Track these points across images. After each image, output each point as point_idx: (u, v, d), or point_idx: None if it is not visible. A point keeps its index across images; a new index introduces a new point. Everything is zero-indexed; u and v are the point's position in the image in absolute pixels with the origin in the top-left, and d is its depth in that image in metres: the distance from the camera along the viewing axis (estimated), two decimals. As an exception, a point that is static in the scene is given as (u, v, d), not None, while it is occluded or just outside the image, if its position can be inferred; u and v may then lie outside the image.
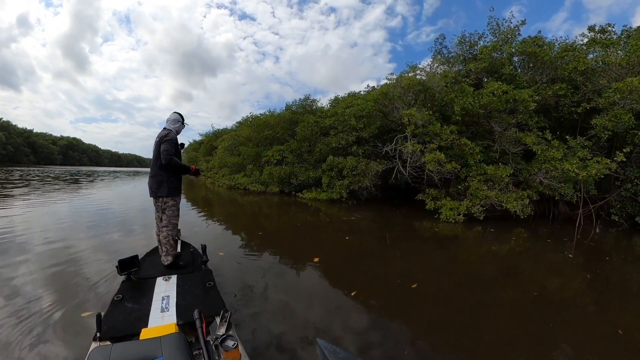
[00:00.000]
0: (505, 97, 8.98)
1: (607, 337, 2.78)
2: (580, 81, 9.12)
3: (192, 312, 1.69)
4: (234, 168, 16.94)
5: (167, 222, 3.00)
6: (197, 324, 1.61)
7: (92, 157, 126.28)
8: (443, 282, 4.15)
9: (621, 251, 6.59)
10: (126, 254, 2.67)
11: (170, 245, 2.94)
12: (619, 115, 7.91)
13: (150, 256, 3.23)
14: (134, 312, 2.08)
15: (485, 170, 8.90)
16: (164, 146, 2.90)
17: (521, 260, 5.56)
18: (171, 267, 2.90)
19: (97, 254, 4.38)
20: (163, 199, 2.98)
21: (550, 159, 8.37)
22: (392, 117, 11.45)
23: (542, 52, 9.62)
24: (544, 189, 8.72)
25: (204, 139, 32.79)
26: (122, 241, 5.16)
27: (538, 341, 2.63)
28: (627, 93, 7.72)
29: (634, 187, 8.27)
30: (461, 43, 11.66)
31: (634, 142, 8.11)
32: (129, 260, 2.56)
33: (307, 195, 12.53)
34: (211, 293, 2.40)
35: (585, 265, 5.28)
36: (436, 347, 2.53)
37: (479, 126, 10.17)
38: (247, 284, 3.48)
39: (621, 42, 9.06)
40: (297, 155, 13.69)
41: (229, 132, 20.39)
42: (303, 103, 15.47)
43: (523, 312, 3.26)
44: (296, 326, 2.67)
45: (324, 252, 5.20)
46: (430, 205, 9.37)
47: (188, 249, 3.42)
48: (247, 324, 2.60)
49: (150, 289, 2.40)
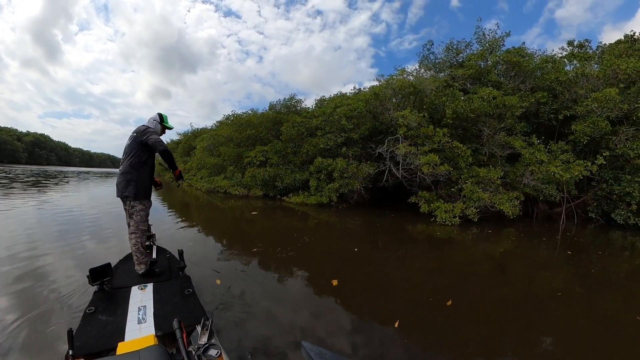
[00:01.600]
0: (495, 102, 9.27)
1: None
2: (559, 90, 9.71)
3: (171, 322, 1.60)
4: (213, 170, 15.81)
5: (135, 228, 2.75)
6: (177, 334, 1.52)
7: (62, 156, 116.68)
8: (478, 291, 3.88)
9: (609, 245, 7.14)
10: (97, 262, 2.44)
11: (141, 253, 2.72)
12: (597, 122, 8.48)
13: (124, 264, 3.01)
14: (108, 325, 1.95)
15: (478, 172, 9.04)
16: (154, 137, 2.71)
17: (527, 257, 5.67)
18: (146, 275, 2.69)
19: (64, 262, 3.95)
20: (130, 202, 2.74)
21: (536, 162, 8.75)
22: (383, 118, 11.38)
23: (525, 62, 10.14)
24: (530, 190, 9.09)
25: (181, 138, 30.85)
26: (93, 249, 4.71)
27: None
28: (605, 102, 8.29)
29: (608, 186, 8.88)
30: (448, 50, 12.00)
31: (609, 146, 8.70)
32: (100, 268, 2.34)
33: (293, 199, 11.86)
34: (190, 300, 2.29)
35: (587, 261, 5.54)
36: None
37: (467, 130, 10.41)
38: (229, 290, 3.29)
39: (596, 56, 9.84)
40: (282, 156, 13.06)
41: (209, 132, 19.10)
42: (287, 103, 14.92)
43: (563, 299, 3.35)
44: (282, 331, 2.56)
45: (333, 266, 4.75)
46: (425, 208, 9.29)
47: (164, 255, 3.23)
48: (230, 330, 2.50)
49: (125, 299, 2.25)
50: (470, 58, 10.87)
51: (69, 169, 74.12)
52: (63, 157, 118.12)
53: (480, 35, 11.32)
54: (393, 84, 10.82)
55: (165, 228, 6.36)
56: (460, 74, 10.82)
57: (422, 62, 12.82)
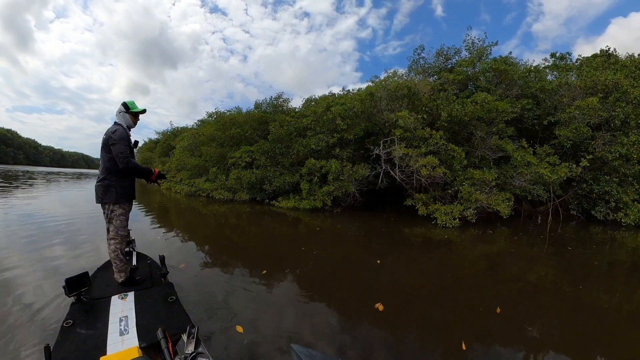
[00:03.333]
0: (487, 106, 9.55)
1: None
2: (542, 98, 10.29)
3: (155, 332, 1.59)
4: (194, 171, 14.57)
5: (115, 233, 2.58)
6: (163, 344, 1.50)
7: (30, 155, 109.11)
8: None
9: (598, 239, 7.77)
10: (73, 271, 2.39)
11: (121, 261, 2.57)
12: (579, 128, 9.07)
13: (102, 272, 2.85)
14: (88, 338, 1.85)
15: (473, 174, 9.20)
16: (115, 148, 2.49)
17: (539, 254, 5.88)
18: (127, 284, 2.57)
19: (37, 273, 3.60)
20: (110, 206, 2.57)
21: (526, 164, 9.14)
22: (375, 119, 11.26)
23: (511, 71, 10.63)
24: (519, 190, 9.48)
25: (160, 137, 28.89)
26: (67, 257, 4.30)
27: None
28: (587, 110, 8.88)
29: (588, 186, 9.52)
30: (438, 55, 12.26)
31: (588, 150, 9.34)
32: (77, 278, 2.21)
33: (283, 204, 11.14)
34: (174, 308, 2.22)
35: (591, 253, 5.89)
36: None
37: (456, 133, 10.63)
38: (215, 296, 3.15)
39: (575, 68, 10.62)
40: (270, 157, 12.39)
41: (189, 131, 17.68)
42: (274, 102, 14.28)
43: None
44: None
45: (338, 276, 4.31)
46: (422, 210, 9.24)
47: (145, 262, 3.10)
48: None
49: (105, 310, 2.16)
50: (461, 64, 11.17)
51: (38, 168, 69.96)
52: (32, 155, 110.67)
53: (469, 44, 11.72)
54: (388, 85, 10.76)
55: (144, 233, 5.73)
56: (451, 79, 11.07)
57: (412, 66, 13.00)
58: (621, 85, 8.75)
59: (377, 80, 12.05)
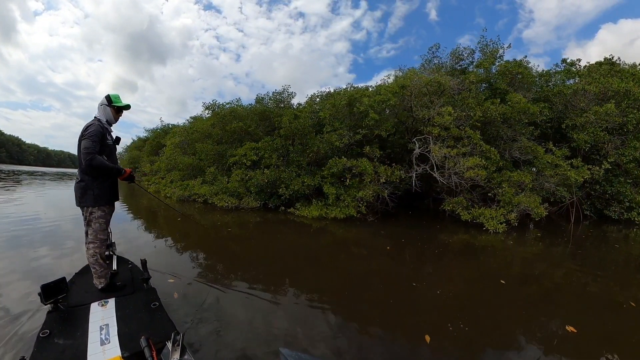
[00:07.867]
0: (518, 107, 9.57)
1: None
2: (557, 102, 10.76)
3: (139, 341, 1.55)
4: (187, 172, 12.06)
5: (93, 237, 2.41)
6: (146, 353, 1.45)
7: (14, 153, 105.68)
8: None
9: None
10: (51, 277, 2.26)
11: (100, 266, 2.40)
12: (596, 132, 9.61)
13: (80, 277, 2.65)
14: (67, 349, 1.71)
15: (510, 176, 9.10)
16: (84, 143, 2.27)
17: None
18: (107, 290, 2.39)
19: (8, 277, 3.28)
20: (88, 208, 2.38)
21: (552, 167, 9.38)
22: (402, 116, 10.59)
23: (527, 74, 10.92)
24: (545, 192, 9.70)
25: (149, 135, 25.46)
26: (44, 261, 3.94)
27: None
28: (604, 115, 9.43)
29: (601, 187, 10.18)
30: (452, 55, 12.12)
31: (601, 153, 9.98)
32: (54, 284, 2.02)
33: (305, 212, 9.34)
34: (158, 315, 2.09)
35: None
36: None
37: (483, 134, 10.54)
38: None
39: (585, 74, 11.36)
40: (283, 156, 10.83)
41: (181, 128, 14.68)
42: (277, 97, 12.62)
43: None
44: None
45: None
46: (465, 216, 8.81)
47: (126, 266, 2.94)
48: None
49: (84, 319, 2.00)
50: (483, 65, 11.14)
51: (21, 167, 67.26)
52: (15, 153, 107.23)
53: (484, 45, 11.79)
54: (417, 80, 10.14)
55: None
56: (472, 79, 10.95)
57: (424, 65, 12.69)
58: (632, 93, 9.50)
59: (406, 73, 11.36)
